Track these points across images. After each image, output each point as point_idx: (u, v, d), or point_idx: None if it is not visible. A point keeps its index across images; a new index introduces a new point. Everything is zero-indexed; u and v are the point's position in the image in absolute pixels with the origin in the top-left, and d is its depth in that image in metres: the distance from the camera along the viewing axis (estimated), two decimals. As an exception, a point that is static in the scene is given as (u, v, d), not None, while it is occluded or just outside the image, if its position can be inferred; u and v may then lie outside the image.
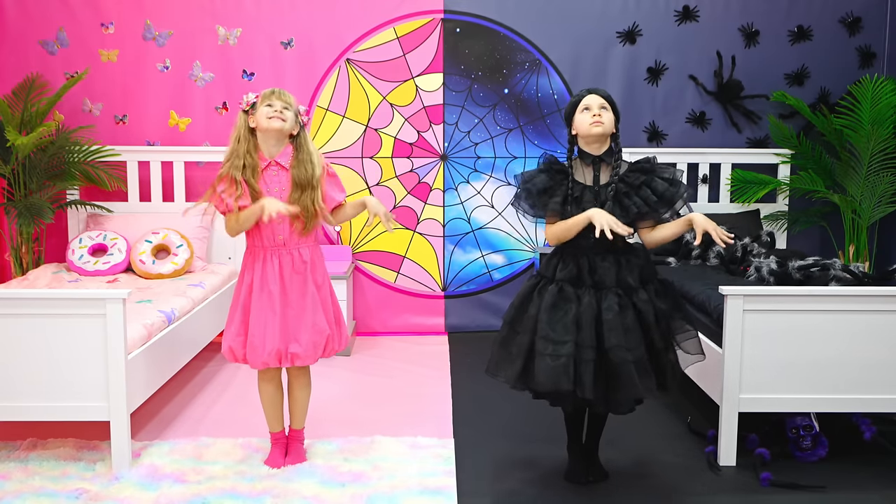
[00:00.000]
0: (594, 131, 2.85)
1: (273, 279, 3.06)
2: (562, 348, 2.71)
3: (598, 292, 2.79)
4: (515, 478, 3.16)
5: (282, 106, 3.04)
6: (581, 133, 2.88)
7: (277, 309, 3.04)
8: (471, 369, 4.51)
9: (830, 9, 5.16)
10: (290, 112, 3.05)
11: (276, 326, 3.04)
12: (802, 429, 3.30)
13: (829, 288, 3.34)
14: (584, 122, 2.87)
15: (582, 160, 2.91)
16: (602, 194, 2.85)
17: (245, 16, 5.02)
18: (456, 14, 5.09)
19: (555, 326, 2.74)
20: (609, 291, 2.79)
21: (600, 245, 2.80)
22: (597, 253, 2.83)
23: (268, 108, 3.02)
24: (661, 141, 5.22)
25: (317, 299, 3.09)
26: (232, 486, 3.02)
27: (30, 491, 2.97)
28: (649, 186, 2.85)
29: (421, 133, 5.18)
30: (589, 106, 2.88)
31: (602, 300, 2.77)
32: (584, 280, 2.81)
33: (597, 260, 2.82)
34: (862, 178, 4.83)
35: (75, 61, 4.97)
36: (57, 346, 3.08)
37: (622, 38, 5.14)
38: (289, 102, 3.06)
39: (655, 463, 3.29)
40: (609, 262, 2.82)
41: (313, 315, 3.07)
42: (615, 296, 2.77)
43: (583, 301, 2.77)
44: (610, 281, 2.80)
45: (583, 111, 2.88)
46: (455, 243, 5.29)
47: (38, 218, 4.53)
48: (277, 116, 3.02)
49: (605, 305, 2.76)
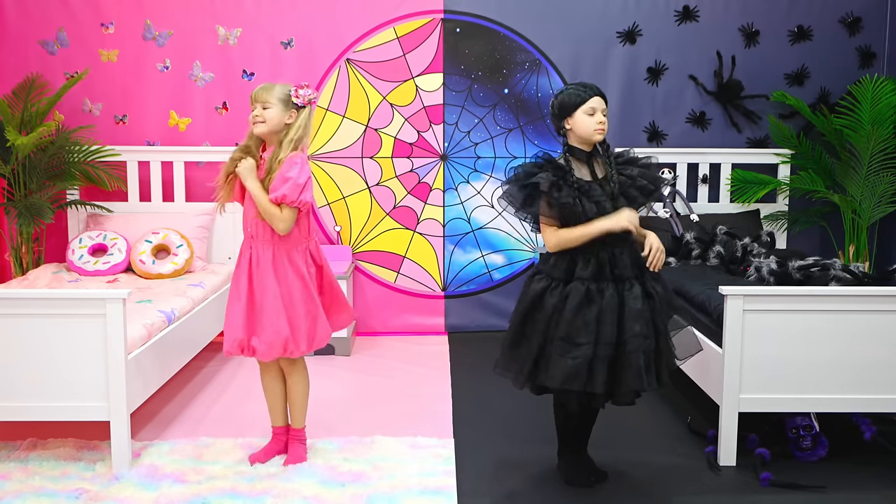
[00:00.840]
0: (596, 138, 2.84)
1: (243, 270, 3.10)
2: (582, 350, 2.72)
3: (618, 284, 2.80)
4: (515, 478, 3.16)
5: (261, 107, 3.05)
6: (580, 134, 2.84)
7: (244, 300, 3.08)
8: (471, 369, 4.51)
9: (830, 9, 5.16)
10: (272, 109, 3.03)
11: (241, 317, 3.08)
12: (802, 429, 3.30)
13: (829, 288, 3.34)
14: (587, 125, 2.83)
15: (573, 155, 2.88)
16: (606, 188, 2.84)
17: (245, 16, 5.02)
18: (456, 14, 5.09)
19: (578, 328, 2.74)
20: (629, 281, 2.81)
21: (618, 237, 2.81)
22: (615, 245, 2.82)
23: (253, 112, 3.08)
24: (661, 141, 5.22)
25: (279, 300, 3.04)
26: (232, 486, 3.02)
27: (30, 491, 2.97)
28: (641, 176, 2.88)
29: (421, 133, 5.18)
30: (594, 109, 2.83)
31: (625, 290, 2.79)
32: (605, 275, 2.81)
33: (615, 252, 2.82)
34: (862, 178, 4.83)
35: (75, 61, 4.97)
36: (57, 346, 3.08)
37: (622, 38, 5.14)
38: (267, 99, 3.04)
39: (655, 463, 3.29)
40: (626, 253, 2.84)
41: (273, 315, 3.04)
42: (639, 285, 2.81)
43: (605, 295, 2.77)
44: (628, 271, 2.82)
45: (588, 113, 2.83)
46: (455, 243, 5.29)
47: (38, 218, 4.53)
48: (257, 121, 3.06)
49: (632, 295, 2.78)
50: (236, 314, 3.09)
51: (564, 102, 2.86)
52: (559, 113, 2.87)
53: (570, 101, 2.84)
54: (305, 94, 3.06)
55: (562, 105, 2.86)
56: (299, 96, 3.05)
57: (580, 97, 2.83)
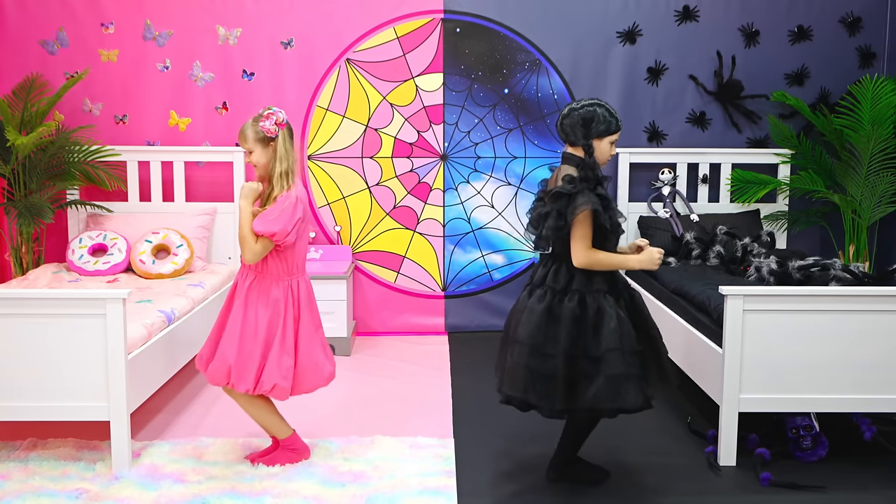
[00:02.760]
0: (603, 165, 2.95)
1: (231, 291, 3.16)
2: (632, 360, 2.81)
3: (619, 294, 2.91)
4: (515, 478, 3.16)
5: (246, 150, 3.07)
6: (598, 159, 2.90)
7: (220, 321, 3.15)
8: (471, 369, 4.51)
9: (830, 9, 5.15)
10: (255, 154, 3.04)
11: (213, 336, 3.16)
12: (802, 429, 3.30)
13: (829, 288, 3.34)
14: (605, 153, 2.92)
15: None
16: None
17: (245, 16, 5.02)
18: (456, 14, 5.09)
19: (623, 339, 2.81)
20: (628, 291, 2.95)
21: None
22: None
23: None
24: (661, 141, 5.22)
25: (237, 328, 3.05)
26: (232, 486, 3.02)
27: (30, 491, 2.97)
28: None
29: (421, 133, 5.18)
30: (615, 142, 2.95)
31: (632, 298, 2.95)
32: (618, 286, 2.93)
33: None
34: (862, 178, 4.82)
35: (75, 61, 4.96)
36: (57, 346, 3.08)
37: (622, 38, 5.14)
38: (247, 146, 3.04)
39: (655, 463, 3.29)
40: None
41: (227, 341, 3.07)
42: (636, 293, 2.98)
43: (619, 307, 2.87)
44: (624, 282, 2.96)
45: (611, 142, 2.92)
46: (455, 243, 5.29)
47: (38, 218, 4.53)
48: (250, 163, 3.09)
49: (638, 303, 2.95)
50: (212, 332, 3.18)
51: (599, 125, 2.88)
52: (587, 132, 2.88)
53: (604, 128, 2.89)
54: (270, 125, 3.01)
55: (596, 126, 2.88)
56: (267, 130, 3.01)
57: (611, 126, 2.90)
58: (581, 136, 2.88)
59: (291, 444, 3.24)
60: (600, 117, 2.88)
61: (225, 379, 3.07)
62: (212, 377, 3.10)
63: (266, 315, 3.05)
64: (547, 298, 2.86)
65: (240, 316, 3.06)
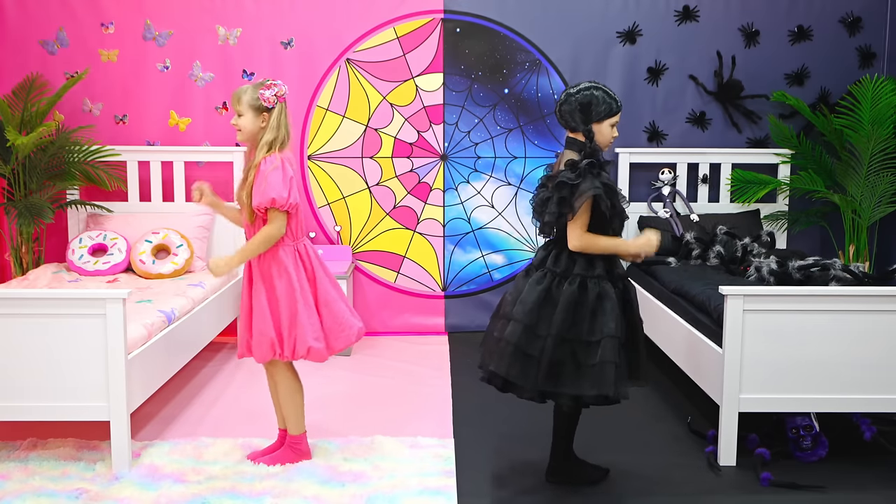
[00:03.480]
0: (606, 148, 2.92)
1: (245, 278, 3.17)
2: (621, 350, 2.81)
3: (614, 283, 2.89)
4: (515, 478, 3.17)
5: (235, 114, 3.06)
6: (599, 141, 2.87)
7: (246, 306, 3.15)
8: (471, 369, 4.49)
9: (830, 9, 5.15)
10: (244, 117, 3.03)
11: (244, 321, 3.16)
12: (802, 429, 3.30)
13: (829, 288, 3.34)
14: (607, 136, 2.89)
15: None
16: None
17: (245, 16, 5.02)
18: (456, 14, 5.09)
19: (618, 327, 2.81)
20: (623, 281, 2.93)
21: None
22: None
23: None
24: (661, 141, 5.22)
25: (264, 307, 3.06)
26: (232, 486, 3.02)
27: (30, 491, 2.97)
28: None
29: (421, 133, 5.18)
30: (616, 124, 2.90)
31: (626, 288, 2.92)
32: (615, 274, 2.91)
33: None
34: (862, 178, 4.82)
35: (75, 61, 4.96)
36: (57, 346, 3.08)
37: (622, 37, 5.14)
38: (238, 108, 3.03)
39: (655, 463, 3.29)
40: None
41: (259, 318, 3.08)
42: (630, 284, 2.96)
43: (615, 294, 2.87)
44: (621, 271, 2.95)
45: (612, 124, 2.89)
46: (455, 243, 5.29)
47: (38, 218, 4.53)
48: (235, 128, 3.08)
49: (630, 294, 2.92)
50: (241, 318, 3.18)
51: (598, 108, 2.84)
52: (586, 117, 2.85)
53: (604, 110, 2.85)
54: (270, 95, 3.00)
55: (595, 109, 2.84)
56: (265, 98, 3.00)
57: (612, 108, 2.86)
58: (581, 122, 2.85)
59: (298, 442, 3.24)
60: (599, 100, 2.84)
61: (271, 351, 3.07)
62: (258, 355, 3.09)
63: (283, 284, 3.06)
64: (546, 280, 2.86)
65: (262, 292, 3.07)
